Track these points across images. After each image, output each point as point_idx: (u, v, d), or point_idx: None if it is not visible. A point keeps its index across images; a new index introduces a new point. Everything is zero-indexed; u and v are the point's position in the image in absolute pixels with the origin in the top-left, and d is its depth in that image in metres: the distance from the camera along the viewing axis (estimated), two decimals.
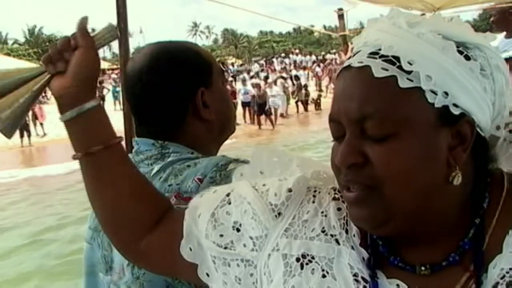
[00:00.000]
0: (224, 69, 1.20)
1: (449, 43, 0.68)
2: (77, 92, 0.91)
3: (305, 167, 0.88)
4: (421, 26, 0.70)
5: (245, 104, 20.28)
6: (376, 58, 0.68)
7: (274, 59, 36.95)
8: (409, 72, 0.67)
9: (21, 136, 18.62)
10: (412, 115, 0.67)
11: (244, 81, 21.87)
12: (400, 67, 0.67)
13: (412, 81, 0.66)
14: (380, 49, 0.69)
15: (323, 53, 40.97)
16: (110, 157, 0.93)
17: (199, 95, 1.22)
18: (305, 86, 23.44)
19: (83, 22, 0.94)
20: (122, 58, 2.17)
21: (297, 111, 23.33)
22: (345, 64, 0.72)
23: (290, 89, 23.33)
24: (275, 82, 22.41)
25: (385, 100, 0.67)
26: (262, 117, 19.90)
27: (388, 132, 0.67)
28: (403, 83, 0.66)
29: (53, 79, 0.93)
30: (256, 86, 20.39)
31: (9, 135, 0.94)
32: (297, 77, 24.46)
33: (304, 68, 26.53)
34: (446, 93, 0.67)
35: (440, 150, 0.68)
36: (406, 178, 0.67)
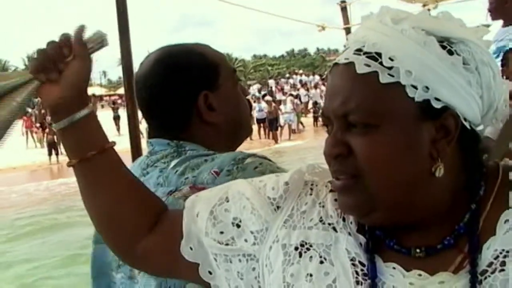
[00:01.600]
0: None
1: (431, 39, 0.70)
2: (71, 102, 0.92)
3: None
4: (405, 22, 0.72)
5: (259, 121, 21.38)
6: (360, 55, 0.71)
7: (282, 79, 38.51)
8: (390, 68, 0.69)
9: (49, 154, 19.33)
10: (393, 109, 0.69)
11: (258, 99, 23.01)
12: (381, 63, 0.70)
13: (393, 76, 0.69)
14: (364, 46, 0.72)
15: (326, 72, 42.52)
16: (104, 161, 0.95)
17: (201, 98, 1.21)
18: (315, 103, 24.74)
19: (80, 31, 0.93)
20: (125, 75, 2.22)
21: (300, 127, 24.49)
22: (335, 60, 0.75)
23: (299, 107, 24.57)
24: (284, 100, 23.66)
25: (367, 95, 0.70)
26: (277, 132, 21.07)
27: (370, 124, 0.70)
28: (384, 78, 0.69)
29: (42, 87, 0.92)
30: (268, 103, 21.54)
31: None
32: (298, 96, 25.77)
33: (315, 87, 27.82)
34: (427, 88, 0.68)
35: (422, 143, 0.70)
36: (386, 169, 0.70)
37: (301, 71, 43.24)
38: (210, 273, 0.88)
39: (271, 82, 38.33)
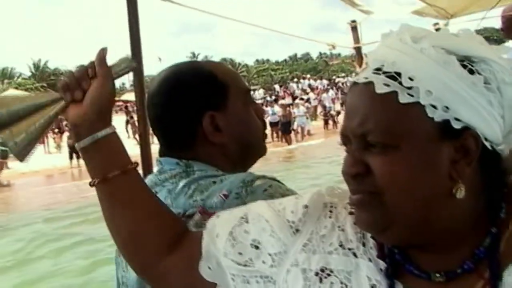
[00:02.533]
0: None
1: (451, 58, 0.69)
2: (93, 120, 0.95)
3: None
4: (425, 41, 0.71)
5: (273, 124, 22.03)
6: (379, 74, 0.71)
7: (292, 83, 39.39)
8: (409, 88, 0.68)
9: (70, 158, 19.78)
10: (412, 129, 0.68)
11: (271, 103, 23.72)
12: (401, 83, 0.69)
13: (412, 96, 0.68)
14: (383, 65, 0.71)
15: (334, 77, 43.24)
16: (126, 182, 0.97)
17: (206, 119, 1.20)
18: (324, 107, 25.44)
19: (103, 53, 0.98)
20: (137, 88, 2.26)
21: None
22: (354, 79, 0.75)
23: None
24: (297, 104, 24.40)
25: (386, 115, 0.69)
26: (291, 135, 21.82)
27: (389, 144, 0.69)
28: (404, 98, 0.68)
29: (68, 107, 0.98)
30: (282, 106, 22.26)
31: (23, 158, 0.98)
32: (308, 100, 26.55)
33: (327, 90, 28.52)
34: (447, 108, 0.68)
35: (441, 163, 0.69)
36: (405, 188, 0.69)
37: (308, 76, 43.96)
38: None
39: (277, 86, 39.13)
